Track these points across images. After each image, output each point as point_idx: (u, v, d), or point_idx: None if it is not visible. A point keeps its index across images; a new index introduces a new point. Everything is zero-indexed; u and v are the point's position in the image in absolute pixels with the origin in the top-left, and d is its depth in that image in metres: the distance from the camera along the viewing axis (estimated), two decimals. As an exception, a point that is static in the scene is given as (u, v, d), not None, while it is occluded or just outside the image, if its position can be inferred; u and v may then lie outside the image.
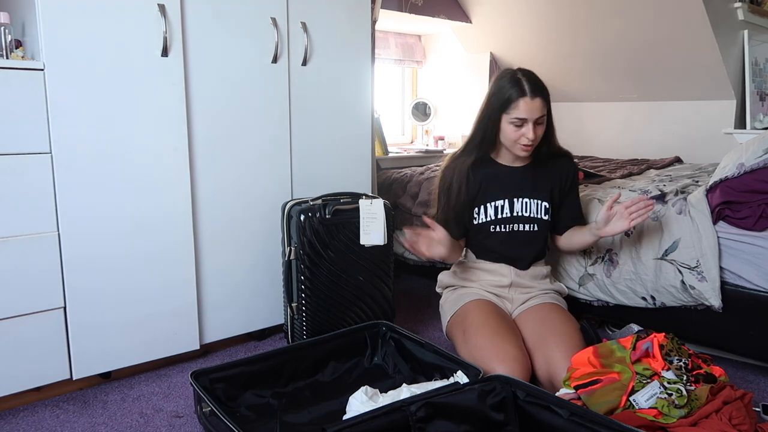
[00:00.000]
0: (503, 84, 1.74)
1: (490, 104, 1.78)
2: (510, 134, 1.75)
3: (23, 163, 1.52)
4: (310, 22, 2.05)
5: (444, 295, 2.00)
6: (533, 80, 1.72)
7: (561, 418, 1.27)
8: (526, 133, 1.72)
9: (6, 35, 1.55)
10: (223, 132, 1.89)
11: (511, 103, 1.71)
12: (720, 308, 1.77)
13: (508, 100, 1.71)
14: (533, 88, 1.70)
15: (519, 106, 1.70)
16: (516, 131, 1.73)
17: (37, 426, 1.56)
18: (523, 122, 1.71)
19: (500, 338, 1.65)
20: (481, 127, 1.81)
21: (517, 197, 1.84)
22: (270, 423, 1.50)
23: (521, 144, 1.75)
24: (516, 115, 1.71)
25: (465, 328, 1.75)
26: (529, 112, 1.70)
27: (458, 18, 3.66)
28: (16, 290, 1.55)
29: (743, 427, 1.30)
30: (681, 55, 3.10)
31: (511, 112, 1.71)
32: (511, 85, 1.71)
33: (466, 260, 1.97)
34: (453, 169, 1.87)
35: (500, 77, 1.77)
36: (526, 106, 1.69)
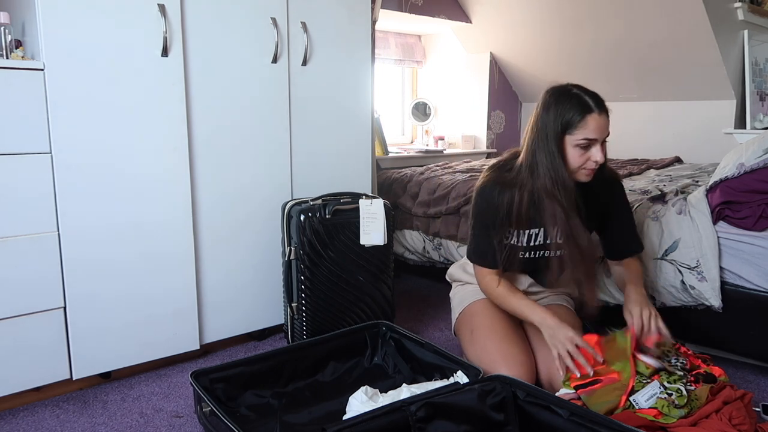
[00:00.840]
0: (561, 103, 1.53)
1: (547, 129, 1.54)
2: (575, 159, 1.54)
3: (23, 163, 1.52)
4: (310, 22, 2.05)
5: (453, 288, 1.97)
6: (593, 94, 1.55)
7: (561, 418, 1.27)
8: (594, 156, 1.53)
9: (6, 35, 1.55)
10: (223, 132, 1.89)
11: (577, 123, 1.51)
12: (720, 308, 1.77)
13: (572, 119, 1.51)
14: (598, 102, 1.53)
15: (587, 125, 1.50)
16: (582, 155, 1.53)
17: (37, 426, 1.56)
18: (590, 143, 1.52)
19: (507, 342, 1.64)
20: (541, 155, 1.55)
21: (553, 225, 1.65)
22: (270, 423, 1.50)
23: (588, 168, 1.55)
24: (584, 135, 1.50)
25: (473, 329, 1.74)
26: (598, 131, 1.51)
27: (458, 18, 3.66)
28: (16, 290, 1.55)
29: (743, 427, 1.30)
30: (681, 55, 3.10)
31: (576, 133, 1.51)
32: (572, 102, 1.52)
33: None
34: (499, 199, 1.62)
35: (554, 96, 1.56)
36: (595, 124, 1.50)
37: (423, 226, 2.65)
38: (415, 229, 2.70)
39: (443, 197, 2.59)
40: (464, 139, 3.94)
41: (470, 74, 3.95)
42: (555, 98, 1.55)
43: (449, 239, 2.54)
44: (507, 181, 1.63)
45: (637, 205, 1.99)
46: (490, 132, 3.94)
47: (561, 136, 1.53)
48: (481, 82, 3.90)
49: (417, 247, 2.71)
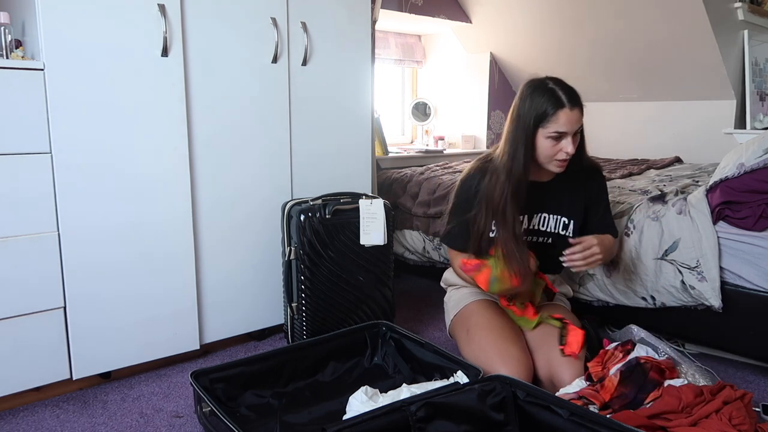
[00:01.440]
0: (536, 96, 1.59)
1: (522, 119, 1.61)
2: (546, 150, 1.61)
3: (23, 163, 1.52)
4: (310, 22, 2.05)
5: (448, 292, 1.99)
6: (568, 89, 1.60)
7: (561, 418, 1.27)
8: (565, 147, 1.59)
9: (6, 35, 1.55)
10: (223, 132, 1.89)
11: (549, 116, 1.57)
12: (720, 308, 1.77)
13: (545, 113, 1.57)
14: (571, 97, 1.58)
15: (558, 119, 1.56)
16: (553, 146, 1.60)
17: (37, 426, 1.56)
18: (561, 136, 1.58)
19: (504, 339, 1.65)
20: (513, 145, 1.63)
21: (536, 212, 1.76)
22: (270, 423, 1.50)
23: (558, 159, 1.62)
24: (555, 129, 1.57)
25: (468, 328, 1.75)
26: (569, 125, 1.57)
27: (458, 18, 3.66)
28: (16, 290, 1.55)
29: (743, 427, 1.30)
30: (681, 55, 3.10)
31: (548, 126, 1.58)
32: (546, 96, 1.58)
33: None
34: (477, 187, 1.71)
35: (531, 89, 1.62)
36: (566, 118, 1.56)
37: (423, 226, 2.65)
38: (415, 229, 2.70)
39: (443, 197, 2.59)
40: (464, 139, 3.94)
41: (470, 74, 3.95)
42: (531, 91, 1.61)
43: (449, 239, 2.54)
44: (486, 169, 1.71)
45: (637, 205, 1.99)
46: (490, 132, 3.94)
47: (534, 128, 1.60)
48: (481, 82, 3.90)
49: (417, 247, 2.71)
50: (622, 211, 2.02)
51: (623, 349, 1.72)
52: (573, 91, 1.60)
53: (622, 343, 1.71)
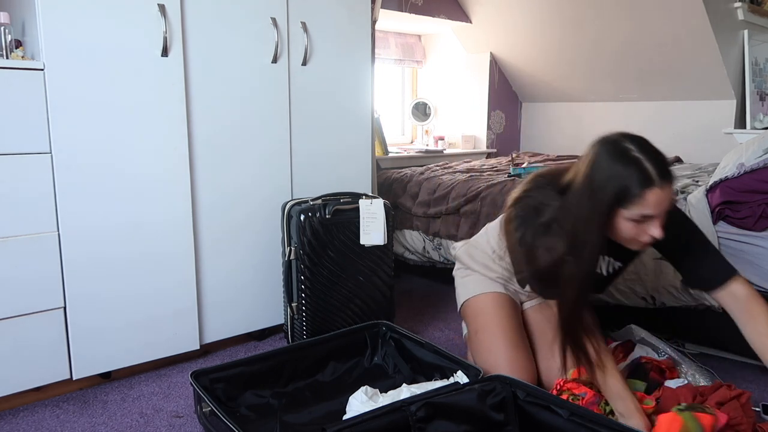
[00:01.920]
0: (616, 166, 1.25)
1: (597, 193, 1.27)
2: (627, 232, 1.30)
3: (23, 163, 1.52)
4: (310, 22, 2.05)
5: (457, 270, 1.87)
6: (656, 158, 1.25)
7: (561, 418, 1.27)
8: (652, 231, 1.28)
9: (6, 35, 1.55)
10: (223, 132, 1.89)
11: (633, 197, 1.23)
12: (720, 308, 1.77)
13: (628, 191, 1.23)
14: (662, 170, 1.24)
15: (645, 200, 1.23)
16: (636, 227, 1.28)
17: (37, 426, 1.56)
18: (647, 218, 1.27)
19: (513, 347, 1.62)
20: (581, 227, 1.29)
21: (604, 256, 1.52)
22: (270, 423, 1.50)
23: (642, 241, 1.32)
24: (641, 211, 1.24)
25: (477, 329, 1.71)
26: (659, 206, 1.24)
27: (458, 18, 3.66)
28: (16, 290, 1.55)
29: (741, 427, 1.30)
30: (681, 55, 3.10)
31: (631, 207, 1.25)
32: (629, 169, 1.24)
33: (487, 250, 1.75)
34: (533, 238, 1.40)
35: (607, 154, 1.28)
36: (656, 199, 1.23)
37: (423, 226, 2.65)
38: (415, 229, 2.70)
39: (443, 197, 2.59)
40: (464, 139, 3.94)
41: (470, 74, 3.95)
42: (608, 156, 1.27)
43: (449, 239, 2.54)
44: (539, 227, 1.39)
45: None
46: (490, 132, 3.94)
47: (613, 206, 1.27)
48: (481, 82, 3.90)
49: (417, 247, 2.71)
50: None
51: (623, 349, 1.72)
52: (662, 158, 1.26)
53: (622, 343, 1.72)
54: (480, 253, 1.79)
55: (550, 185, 1.43)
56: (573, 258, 1.31)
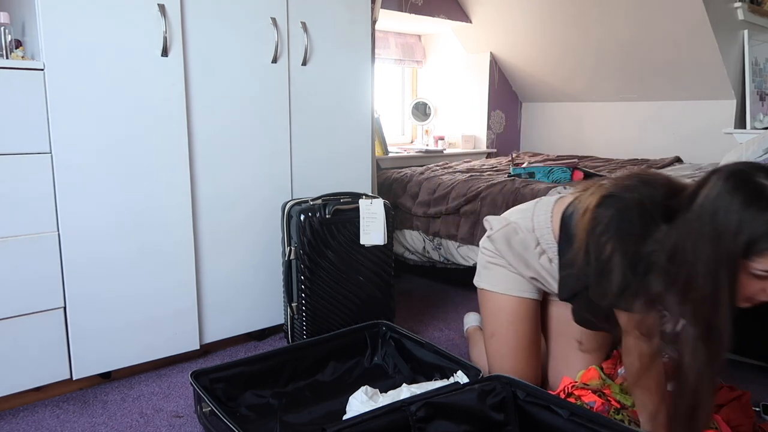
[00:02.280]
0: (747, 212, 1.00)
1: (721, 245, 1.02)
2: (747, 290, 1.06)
3: (23, 163, 1.52)
4: (310, 22, 2.05)
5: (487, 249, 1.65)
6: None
7: (561, 418, 1.27)
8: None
9: (6, 35, 1.55)
10: (223, 132, 1.89)
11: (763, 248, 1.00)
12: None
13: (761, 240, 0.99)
14: None
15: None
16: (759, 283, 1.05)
17: (37, 426, 1.56)
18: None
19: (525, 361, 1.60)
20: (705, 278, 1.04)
21: None
22: (270, 423, 1.50)
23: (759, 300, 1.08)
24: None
25: (494, 333, 1.63)
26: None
27: (458, 18, 3.66)
28: (16, 290, 1.55)
29: (741, 428, 1.30)
30: (681, 55, 3.10)
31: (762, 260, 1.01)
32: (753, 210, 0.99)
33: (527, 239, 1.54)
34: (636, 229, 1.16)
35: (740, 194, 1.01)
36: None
37: (423, 226, 2.65)
38: (415, 229, 2.70)
39: (443, 197, 2.59)
40: (464, 139, 3.94)
41: (470, 74, 3.95)
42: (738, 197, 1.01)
43: (449, 239, 2.54)
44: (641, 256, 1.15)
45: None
46: (490, 132, 3.94)
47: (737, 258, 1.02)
48: (481, 82, 3.90)
49: (417, 247, 2.71)
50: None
51: (623, 350, 1.71)
52: None
53: (622, 344, 1.71)
54: (520, 243, 1.55)
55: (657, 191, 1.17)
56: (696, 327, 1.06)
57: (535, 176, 2.68)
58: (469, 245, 2.45)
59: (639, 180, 1.21)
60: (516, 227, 1.57)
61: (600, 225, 1.19)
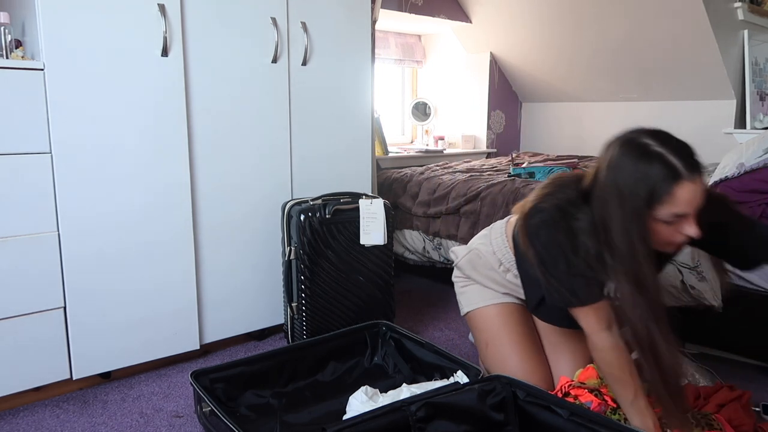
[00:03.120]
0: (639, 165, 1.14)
1: (627, 203, 1.15)
2: (660, 234, 1.17)
3: (23, 163, 1.52)
4: (310, 22, 2.05)
5: (459, 276, 1.76)
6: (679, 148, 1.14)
7: (561, 418, 1.27)
8: (687, 231, 1.16)
9: (6, 35, 1.55)
10: (223, 132, 1.89)
11: (663, 196, 1.12)
12: (720, 308, 1.77)
13: (655, 190, 1.12)
14: (689, 162, 1.13)
15: (676, 197, 1.12)
16: (669, 229, 1.16)
17: (37, 426, 1.56)
18: (681, 218, 1.15)
19: (528, 358, 1.58)
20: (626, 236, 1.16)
21: None
22: (270, 423, 1.50)
23: (677, 243, 1.20)
24: (672, 210, 1.13)
25: (488, 341, 1.65)
26: (691, 202, 1.13)
27: (458, 18, 3.66)
28: (16, 290, 1.55)
29: (742, 428, 1.30)
30: (681, 55, 3.10)
31: (662, 207, 1.13)
32: (654, 166, 1.13)
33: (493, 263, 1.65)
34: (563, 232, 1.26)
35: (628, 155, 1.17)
36: (688, 195, 1.12)
37: (423, 226, 2.65)
38: (415, 229, 2.70)
39: (443, 197, 2.59)
40: (464, 139, 3.94)
41: (470, 74, 3.95)
42: (630, 160, 1.15)
43: (449, 239, 2.54)
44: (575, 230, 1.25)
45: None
46: (490, 132, 3.94)
47: (645, 210, 1.14)
48: (481, 82, 3.90)
49: (417, 247, 2.71)
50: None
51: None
52: (686, 149, 1.15)
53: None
54: (484, 265, 1.68)
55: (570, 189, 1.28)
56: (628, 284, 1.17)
57: (535, 176, 2.68)
58: (469, 245, 2.45)
59: (554, 185, 1.32)
60: (478, 252, 1.68)
61: (532, 236, 1.29)
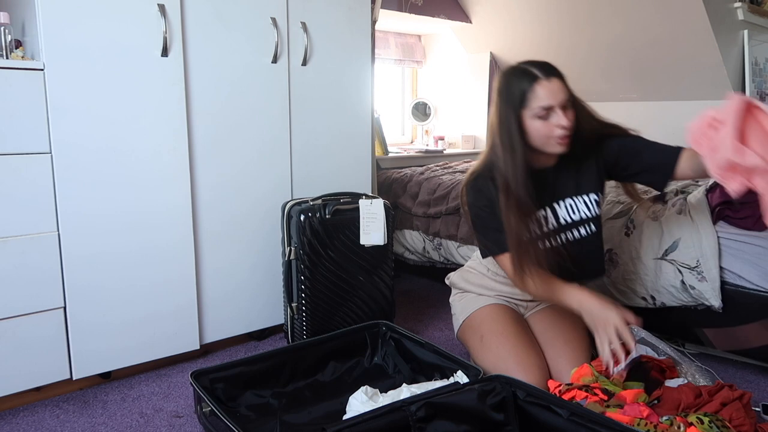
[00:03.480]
0: (510, 79, 1.51)
1: (502, 108, 1.52)
2: (539, 131, 1.48)
3: (23, 163, 1.52)
4: (310, 22, 2.05)
5: (453, 295, 1.91)
6: (541, 63, 1.50)
7: (561, 418, 1.27)
8: (559, 121, 1.46)
9: (6, 35, 1.55)
10: (223, 132, 1.89)
11: (528, 94, 1.46)
12: (720, 308, 1.77)
13: (523, 92, 1.47)
14: (544, 69, 1.48)
15: (537, 93, 1.45)
16: (546, 124, 1.47)
17: (37, 426, 1.56)
18: (549, 111, 1.46)
19: (521, 347, 1.61)
20: (503, 137, 1.52)
21: (557, 201, 1.61)
22: (270, 423, 1.50)
23: (557, 136, 1.48)
24: (538, 104, 1.45)
25: (482, 335, 1.69)
26: (552, 96, 1.45)
27: (458, 18, 3.66)
28: (16, 290, 1.55)
29: (743, 428, 1.30)
30: (681, 55, 3.10)
31: (530, 104, 1.47)
32: (518, 76, 1.49)
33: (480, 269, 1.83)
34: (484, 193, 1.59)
35: (503, 75, 1.55)
36: (545, 90, 1.45)
37: (423, 226, 2.65)
38: (415, 229, 2.70)
39: (443, 197, 2.59)
40: (464, 139, 3.94)
41: (470, 74, 3.94)
42: (504, 79, 1.54)
43: (449, 239, 2.54)
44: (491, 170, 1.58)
45: (637, 205, 1.99)
46: (490, 132, 3.94)
47: (519, 112, 1.49)
48: (481, 82, 3.89)
49: (417, 247, 2.71)
50: (622, 211, 2.02)
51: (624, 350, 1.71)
52: (547, 63, 1.51)
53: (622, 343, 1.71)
54: (475, 275, 1.84)
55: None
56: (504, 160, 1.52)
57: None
58: (469, 245, 2.45)
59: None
60: (468, 267, 1.89)
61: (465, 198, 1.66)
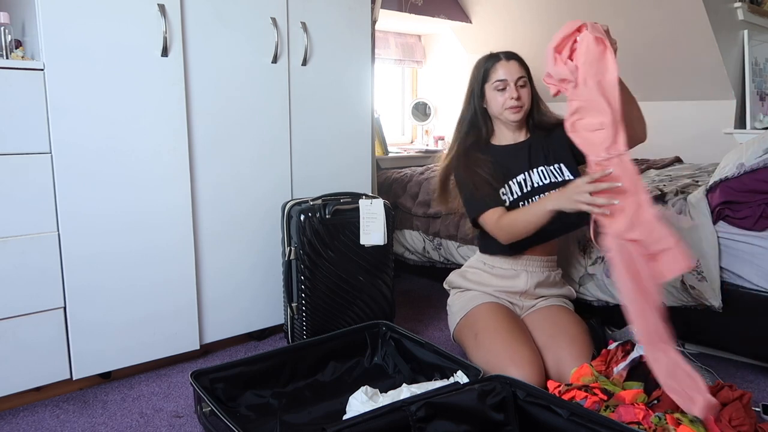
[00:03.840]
0: (479, 62, 1.86)
1: (471, 82, 1.87)
2: (497, 101, 1.80)
3: (23, 163, 1.52)
4: (310, 22, 2.05)
5: (452, 295, 1.97)
6: (507, 51, 1.85)
7: (561, 418, 1.27)
8: (511, 93, 1.78)
9: (6, 35, 1.55)
10: (222, 132, 1.89)
11: (489, 71, 1.81)
12: (720, 308, 1.77)
13: (486, 70, 1.81)
14: (506, 54, 1.83)
15: (496, 70, 1.79)
16: (501, 95, 1.79)
17: (37, 426, 1.56)
18: (504, 84, 1.78)
19: (515, 342, 1.64)
20: (469, 106, 1.87)
21: (531, 169, 1.81)
22: (270, 423, 1.50)
23: (510, 107, 1.79)
24: (495, 78, 1.79)
25: (477, 332, 1.73)
26: (508, 73, 1.79)
27: (458, 18, 3.66)
28: (16, 290, 1.55)
29: (743, 428, 1.30)
30: (681, 55, 3.10)
31: (491, 78, 1.80)
32: (486, 58, 1.84)
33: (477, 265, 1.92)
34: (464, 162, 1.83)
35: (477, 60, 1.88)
36: (504, 68, 1.79)
37: (423, 226, 2.65)
38: (415, 229, 2.70)
39: (443, 197, 2.58)
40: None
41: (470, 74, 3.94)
42: (477, 62, 1.87)
43: (449, 239, 2.54)
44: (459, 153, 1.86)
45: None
46: (490, 132, 3.94)
47: (482, 87, 1.83)
48: (481, 82, 3.89)
49: (417, 247, 2.71)
50: (622, 211, 2.02)
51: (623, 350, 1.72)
52: (511, 51, 1.85)
53: (622, 344, 1.72)
54: (473, 272, 1.92)
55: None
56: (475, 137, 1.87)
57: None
58: (469, 245, 2.45)
59: None
60: (465, 266, 1.98)
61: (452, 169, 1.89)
